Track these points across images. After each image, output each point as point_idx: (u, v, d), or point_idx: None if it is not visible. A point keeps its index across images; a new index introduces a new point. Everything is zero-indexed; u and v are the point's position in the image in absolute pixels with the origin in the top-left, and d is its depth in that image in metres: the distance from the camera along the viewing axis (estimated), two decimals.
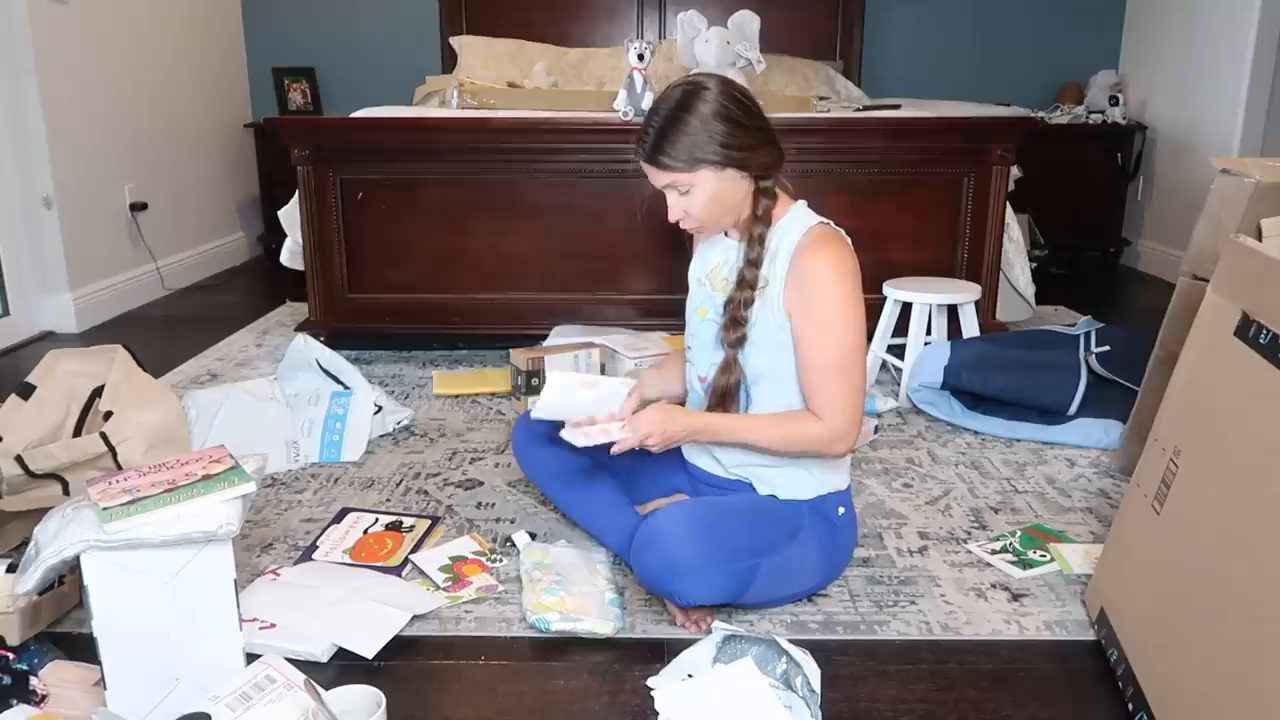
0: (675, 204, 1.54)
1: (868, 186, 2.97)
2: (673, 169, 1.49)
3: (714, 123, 1.47)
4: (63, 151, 3.43)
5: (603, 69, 4.30)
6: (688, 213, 1.54)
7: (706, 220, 1.56)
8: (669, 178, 1.51)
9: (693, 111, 1.47)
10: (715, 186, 1.51)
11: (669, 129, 1.48)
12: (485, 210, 3.01)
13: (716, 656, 1.45)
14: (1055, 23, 4.84)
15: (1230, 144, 4.00)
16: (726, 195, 1.52)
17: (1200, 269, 1.98)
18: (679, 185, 1.51)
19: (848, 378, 1.53)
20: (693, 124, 1.47)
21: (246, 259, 4.91)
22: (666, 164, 1.49)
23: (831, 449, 1.56)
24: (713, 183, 1.50)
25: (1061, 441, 2.41)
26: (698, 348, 1.68)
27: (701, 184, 1.50)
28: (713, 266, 1.67)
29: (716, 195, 1.51)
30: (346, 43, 4.86)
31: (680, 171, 1.49)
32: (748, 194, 1.55)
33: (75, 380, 1.99)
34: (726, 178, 1.51)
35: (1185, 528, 1.34)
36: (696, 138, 1.47)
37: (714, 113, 1.48)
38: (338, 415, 2.33)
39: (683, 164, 1.48)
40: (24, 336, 3.40)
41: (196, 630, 1.30)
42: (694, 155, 1.48)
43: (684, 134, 1.47)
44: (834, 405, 1.53)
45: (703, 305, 1.67)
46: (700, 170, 1.49)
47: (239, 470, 1.33)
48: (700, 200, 1.52)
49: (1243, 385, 1.29)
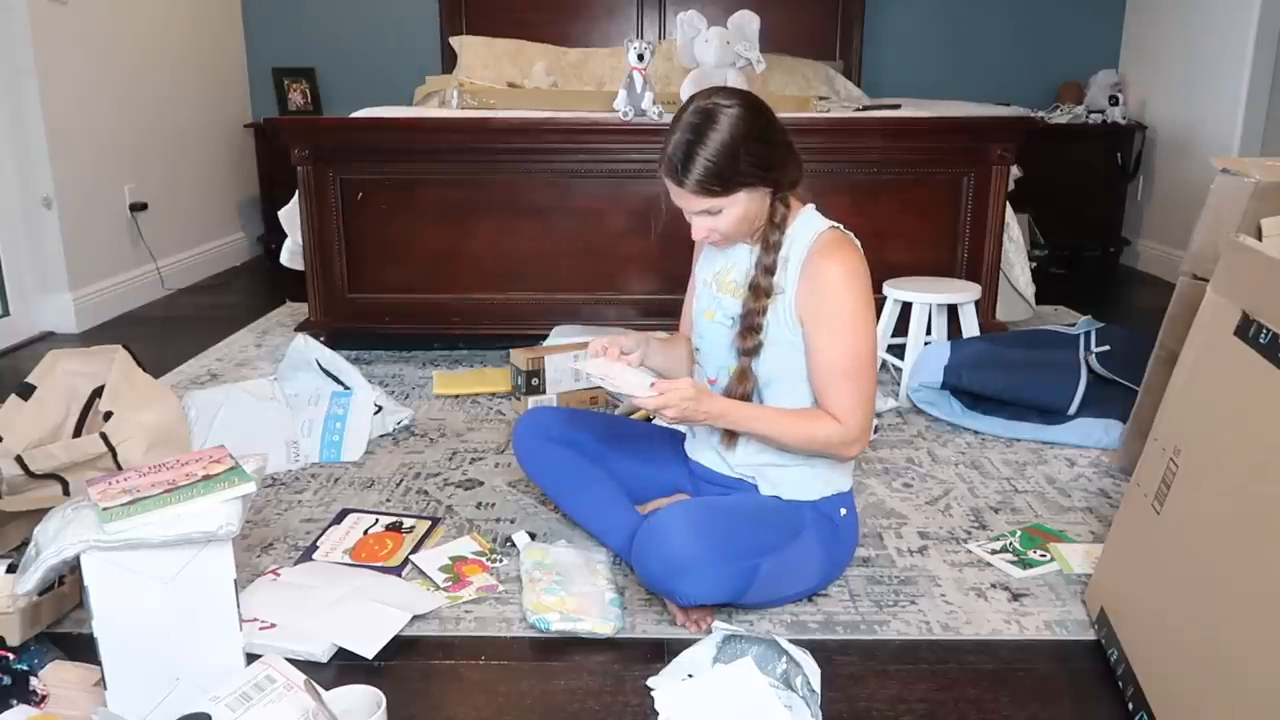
0: (703, 224, 1.54)
1: (868, 186, 2.97)
2: (713, 194, 1.48)
3: (749, 144, 1.46)
4: (63, 151, 3.43)
5: (603, 69, 4.31)
6: (716, 230, 1.54)
7: (733, 235, 1.56)
8: (706, 203, 1.50)
9: (727, 134, 1.45)
10: (748, 207, 1.51)
11: (705, 155, 1.45)
12: (485, 210, 3.02)
13: (716, 656, 1.45)
14: (1055, 23, 4.84)
15: (1230, 144, 4.00)
16: (755, 212, 1.53)
17: (1200, 269, 1.98)
18: (713, 208, 1.50)
19: (859, 381, 1.53)
20: (730, 148, 1.45)
21: (246, 259, 4.91)
22: (708, 189, 1.47)
23: (845, 450, 1.56)
24: (746, 203, 1.50)
25: (1061, 441, 2.41)
26: (707, 349, 1.68)
27: (736, 205, 1.50)
28: (719, 269, 1.67)
29: (748, 214, 1.52)
30: (346, 43, 4.86)
31: (719, 196, 1.48)
32: (766, 204, 1.55)
33: (75, 380, 1.99)
34: (758, 196, 1.52)
35: (1185, 528, 1.34)
36: (736, 162, 1.46)
37: (746, 134, 1.46)
38: (338, 415, 2.33)
39: (721, 188, 1.47)
40: (24, 336, 3.40)
41: (196, 630, 1.30)
42: (733, 180, 1.47)
43: (722, 159, 1.45)
44: (847, 407, 1.53)
45: (710, 308, 1.67)
46: (737, 193, 1.49)
47: (239, 470, 1.33)
48: (732, 219, 1.52)
49: (1243, 385, 1.29)
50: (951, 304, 2.74)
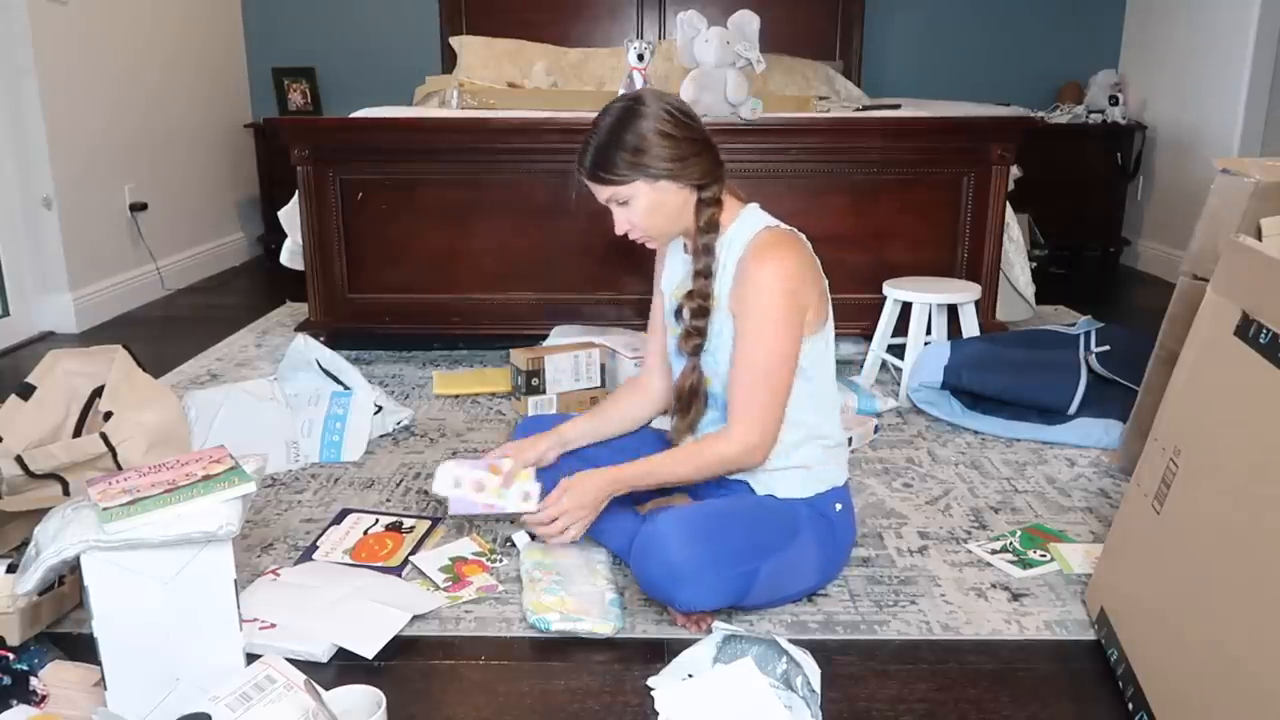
0: (619, 216, 1.60)
1: (868, 186, 2.97)
2: (610, 182, 1.55)
3: (647, 137, 1.53)
4: (63, 151, 3.43)
5: (603, 69, 4.30)
6: (631, 223, 1.59)
7: (651, 231, 1.60)
8: (608, 191, 1.57)
9: (627, 127, 1.53)
10: (652, 198, 1.56)
11: (605, 145, 1.54)
12: (485, 210, 3.01)
13: (716, 656, 1.45)
14: (1055, 23, 4.84)
15: (1230, 144, 4.00)
16: (666, 206, 1.57)
17: (1200, 269, 1.98)
18: (617, 198, 1.57)
19: (771, 383, 1.54)
20: (627, 139, 1.53)
21: (246, 259, 4.91)
22: (604, 178, 1.56)
23: (747, 460, 1.58)
24: (649, 194, 1.55)
25: (1061, 441, 2.41)
26: (673, 355, 1.73)
27: (639, 196, 1.55)
28: (679, 281, 1.71)
29: (655, 206, 1.56)
30: (346, 43, 4.86)
31: (617, 185, 1.55)
32: (688, 203, 1.58)
33: (75, 380, 1.99)
34: (662, 189, 1.55)
35: (1185, 528, 1.34)
36: (629, 153, 1.52)
37: (647, 127, 1.53)
38: (338, 415, 2.33)
39: (618, 177, 1.54)
40: (24, 336, 3.40)
41: (196, 630, 1.29)
42: (629, 169, 1.53)
43: (618, 149, 1.53)
44: (751, 414, 1.55)
45: (669, 315, 1.72)
46: (636, 183, 1.54)
47: (239, 470, 1.33)
48: (640, 211, 1.57)
49: (1243, 385, 1.29)
50: (951, 304, 2.74)
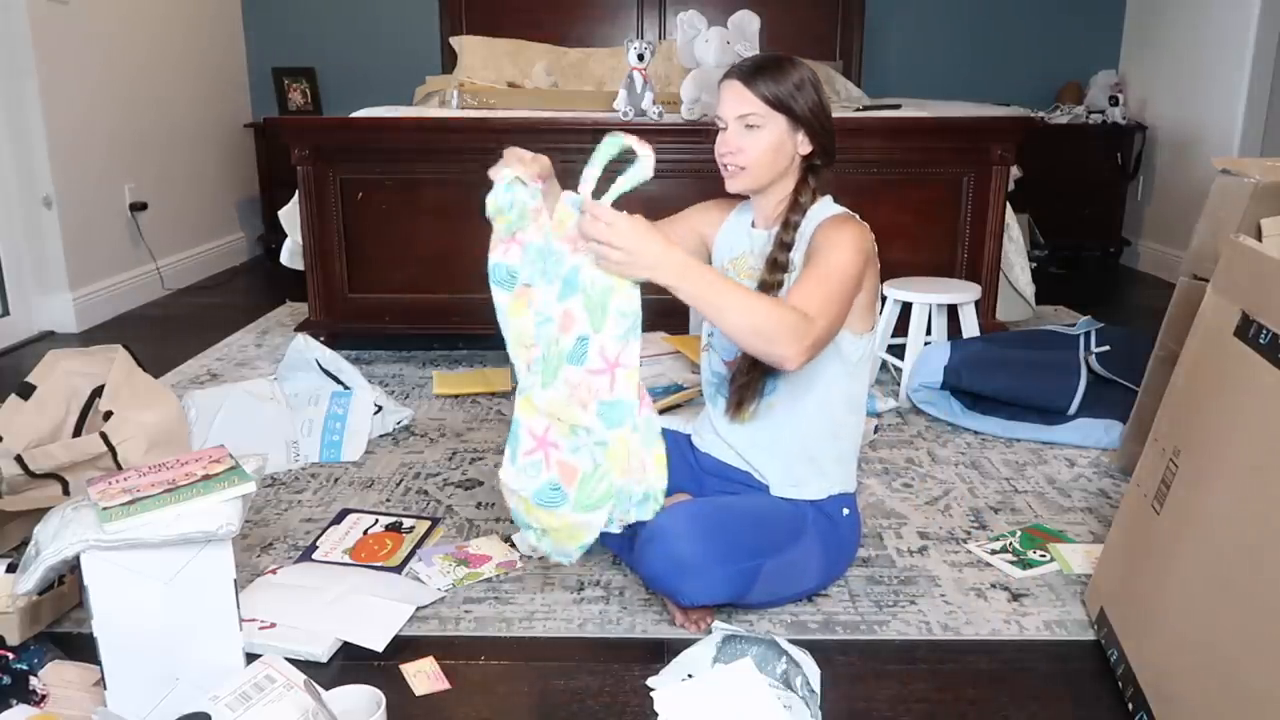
0: (734, 139, 1.55)
1: (868, 186, 2.97)
2: (764, 97, 1.52)
3: (810, 89, 1.55)
4: (63, 151, 3.42)
5: (603, 69, 4.30)
6: (743, 148, 1.55)
7: (754, 168, 1.56)
8: (751, 106, 1.53)
9: (800, 69, 1.55)
10: (781, 137, 1.54)
11: (775, 67, 1.54)
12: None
13: (716, 656, 1.45)
14: (1055, 23, 4.84)
15: (1230, 144, 4.00)
16: (784, 153, 1.56)
17: (1200, 269, 1.98)
18: (753, 118, 1.53)
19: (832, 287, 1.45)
20: (796, 75, 1.54)
21: (246, 259, 4.91)
22: (760, 91, 1.52)
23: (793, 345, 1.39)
24: (781, 132, 1.54)
25: (1061, 441, 2.41)
26: (721, 334, 1.64)
27: (773, 128, 1.54)
28: (739, 254, 1.68)
29: (778, 146, 1.55)
30: (346, 43, 4.86)
31: (765, 104, 1.53)
32: (794, 168, 1.58)
33: (75, 380, 1.99)
34: (792, 137, 1.55)
35: (1185, 528, 1.34)
36: (794, 86, 1.53)
37: (814, 82, 1.56)
38: (338, 415, 2.33)
39: (772, 99, 1.52)
40: (24, 336, 3.40)
41: (196, 630, 1.29)
42: (786, 97, 1.53)
43: (786, 77, 1.53)
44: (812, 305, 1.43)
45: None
46: (780, 115, 1.53)
47: (239, 470, 1.33)
48: (763, 144, 1.54)
49: (1243, 385, 1.29)
50: (951, 304, 2.74)
